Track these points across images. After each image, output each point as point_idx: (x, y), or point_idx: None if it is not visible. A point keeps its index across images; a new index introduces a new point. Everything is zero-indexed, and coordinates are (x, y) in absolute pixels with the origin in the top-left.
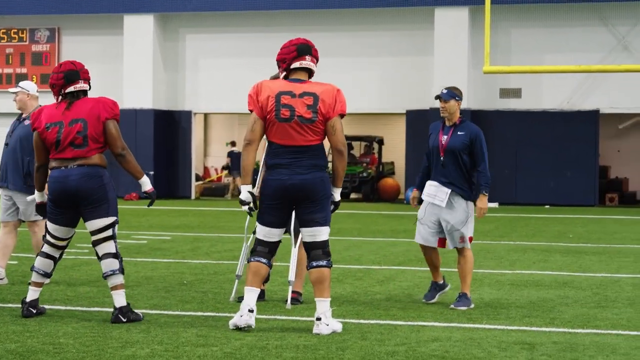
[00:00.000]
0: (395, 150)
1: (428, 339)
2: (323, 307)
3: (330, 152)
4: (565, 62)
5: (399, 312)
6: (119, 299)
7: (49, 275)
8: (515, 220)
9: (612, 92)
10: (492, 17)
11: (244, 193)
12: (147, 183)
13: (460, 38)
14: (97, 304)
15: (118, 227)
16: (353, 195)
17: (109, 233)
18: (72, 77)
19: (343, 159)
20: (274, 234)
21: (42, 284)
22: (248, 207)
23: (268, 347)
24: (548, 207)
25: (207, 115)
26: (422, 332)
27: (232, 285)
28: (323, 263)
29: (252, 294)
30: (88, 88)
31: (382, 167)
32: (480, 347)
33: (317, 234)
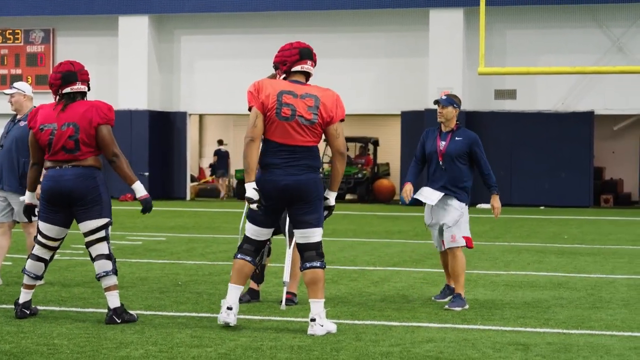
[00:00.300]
0: (391, 152)
1: (422, 340)
2: (317, 308)
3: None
4: (560, 63)
5: (394, 312)
6: (113, 300)
7: (40, 278)
8: (510, 222)
9: (606, 93)
10: (486, 18)
11: (250, 190)
12: (140, 190)
13: (455, 39)
14: (91, 305)
15: (112, 228)
16: (348, 196)
17: (102, 234)
18: (69, 78)
19: (344, 163)
20: (263, 234)
21: (33, 286)
22: (257, 204)
23: (262, 348)
24: (543, 208)
25: (202, 117)
26: (416, 332)
27: (226, 287)
28: (317, 264)
29: (233, 292)
30: (86, 90)
31: (377, 168)
32: (475, 347)
33: (310, 236)
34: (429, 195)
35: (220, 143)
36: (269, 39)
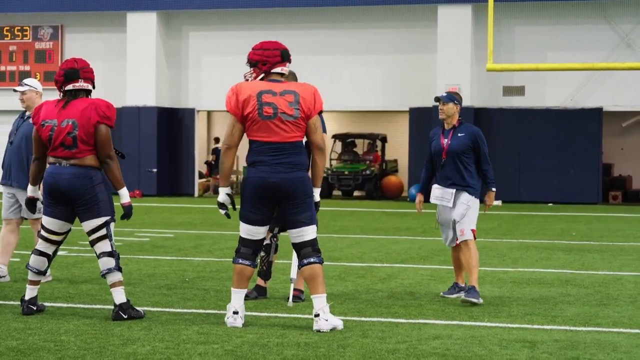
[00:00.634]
0: (399, 148)
1: (429, 337)
2: (320, 303)
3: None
4: (569, 59)
5: (401, 309)
6: (119, 296)
7: (43, 273)
8: (518, 218)
9: (615, 89)
10: (495, 14)
11: (222, 195)
12: (125, 196)
13: (464, 36)
14: (98, 302)
15: (120, 224)
16: (356, 193)
17: (103, 232)
18: (71, 75)
19: (324, 157)
20: (257, 232)
21: (38, 282)
22: (225, 211)
23: (269, 344)
24: (551, 204)
25: (210, 113)
26: (423, 329)
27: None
28: (313, 259)
29: (237, 296)
30: (90, 87)
31: (385, 164)
32: (482, 344)
33: (304, 234)
34: (443, 196)
35: (217, 141)
36: (278, 36)
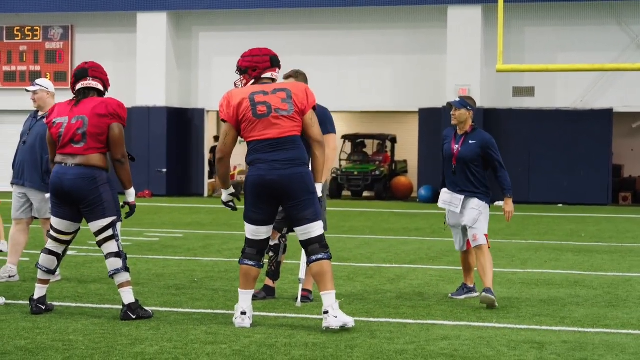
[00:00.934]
0: (408, 149)
1: (437, 338)
2: (329, 299)
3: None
4: (579, 60)
5: (409, 310)
6: (127, 296)
7: (53, 272)
8: (528, 219)
9: (625, 90)
10: (505, 15)
11: (225, 196)
12: (132, 195)
13: (474, 36)
14: (107, 301)
15: (129, 224)
16: (365, 194)
17: (109, 233)
18: (80, 74)
19: (323, 152)
20: (261, 232)
21: (47, 281)
22: (231, 207)
23: (277, 344)
24: (561, 205)
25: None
26: (431, 330)
27: None
28: (321, 256)
29: (244, 297)
30: (100, 87)
31: (394, 165)
32: (490, 346)
33: (310, 231)
34: (452, 201)
35: (217, 139)
36: (288, 36)
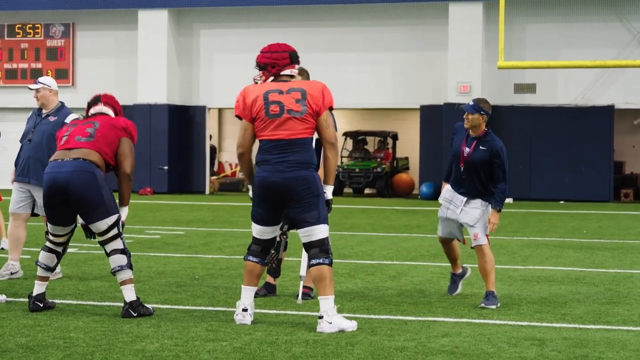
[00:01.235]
0: (410, 146)
1: (438, 335)
2: (325, 305)
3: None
4: (580, 57)
5: (410, 307)
6: (129, 294)
7: (52, 269)
8: (529, 216)
9: (627, 87)
10: (506, 12)
11: (252, 192)
12: (126, 212)
13: (475, 33)
14: (108, 299)
15: (132, 221)
16: (367, 191)
17: (115, 232)
18: (93, 101)
19: (336, 154)
20: (266, 232)
21: (47, 278)
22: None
23: (277, 342)
24: (562, 202)
25: (221, 111)
26: (432, 327)
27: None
28: (321, 260)
29: (247, 293)
30: (112, 113)
31: (396, 162)
32: (490, 342)
33: (311, 234)
34: (452, 200)
35: (210, 138)
36: (289, 33)
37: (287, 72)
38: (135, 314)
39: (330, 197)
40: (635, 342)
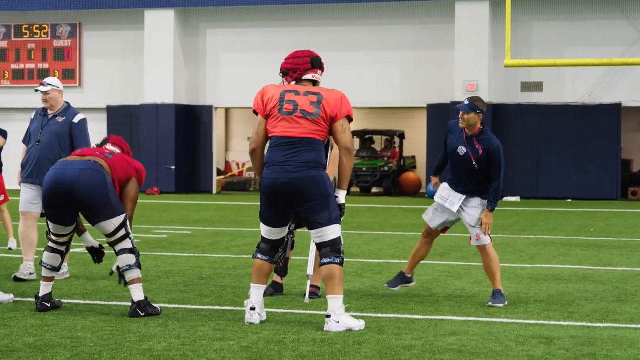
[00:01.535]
0: (417, 145)
1: (445, 333)
2: (333, 304)
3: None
4: (587, 55)
5: (417, 306)
6: (137, 293)
7: (58, 269)
8: (536, 214)
9: (634, 85)
10: (513, 10)
11: None
12: None
13: (481, 32)
14: (116, 298)
15: (139, 221)
16: (374, 190)
17: (123, 232)
18: (103, 142)
19: (351, 159)
20: (274, 233)
21: (52, 279)
22: None
23: (285, 341)
24: (570, 200)
25: (228, 110)
26: (439, 326)
27: (250, 280)
28: (332, 260)
29: (255, 292)
30: (118, 151)
31: (403, 161)
32: (498, 341)
33: (323, 235)
34: (449, 198)
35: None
36: (295, 32)
37: (308, 76)
38: (143, 314)
39: (343, 201)
40: None
